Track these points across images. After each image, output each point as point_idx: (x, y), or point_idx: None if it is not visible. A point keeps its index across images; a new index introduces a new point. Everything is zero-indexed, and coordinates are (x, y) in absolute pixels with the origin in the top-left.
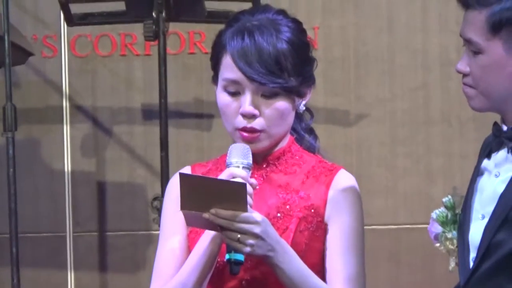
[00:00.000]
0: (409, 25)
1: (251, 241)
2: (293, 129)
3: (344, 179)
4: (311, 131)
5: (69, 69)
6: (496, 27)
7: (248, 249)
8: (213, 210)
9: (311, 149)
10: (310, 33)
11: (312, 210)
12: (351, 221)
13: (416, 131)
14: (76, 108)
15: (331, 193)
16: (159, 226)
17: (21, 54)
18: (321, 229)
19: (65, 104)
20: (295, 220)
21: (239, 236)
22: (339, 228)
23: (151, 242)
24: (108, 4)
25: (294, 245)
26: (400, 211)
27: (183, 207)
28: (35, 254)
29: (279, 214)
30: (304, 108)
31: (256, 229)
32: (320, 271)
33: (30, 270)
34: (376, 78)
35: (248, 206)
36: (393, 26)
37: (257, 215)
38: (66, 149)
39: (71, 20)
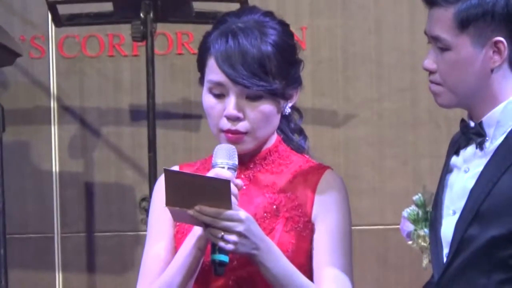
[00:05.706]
0: (396, 26)
1: (234, 239)
2: (281, 130)
3: (331, 179)
4: (300, 132)
5: (57, 70)
6: (464, 24)
7: (231, 246)
8: (197, 207)
9: (300, 150)
10: (298, 34)
11: (299, 210)
12: (338, 221)
13: (403, 132)
14: (64, 109)
15: (318, 193)
16: (147, 226)
17: (9, 55)
18: (308, 229)
19: (53, 105)
20: (281, 220)
21: (222, 233)
22: (326, 228)
23: (139, 242)
24: (96, 5)
25: (280, 245)
26: (387, 212)
27: (168, 203)
28: (23, 255)
29: (265, 214)
30: (289, 110)
31: (240, 227)
32: (307, 271)
33: (18, 271)
34: (363, 78)
35: (234, 204)
36: (380, 26)
37: (241, 213)
38: (54, 150)
39: (58, 21)
